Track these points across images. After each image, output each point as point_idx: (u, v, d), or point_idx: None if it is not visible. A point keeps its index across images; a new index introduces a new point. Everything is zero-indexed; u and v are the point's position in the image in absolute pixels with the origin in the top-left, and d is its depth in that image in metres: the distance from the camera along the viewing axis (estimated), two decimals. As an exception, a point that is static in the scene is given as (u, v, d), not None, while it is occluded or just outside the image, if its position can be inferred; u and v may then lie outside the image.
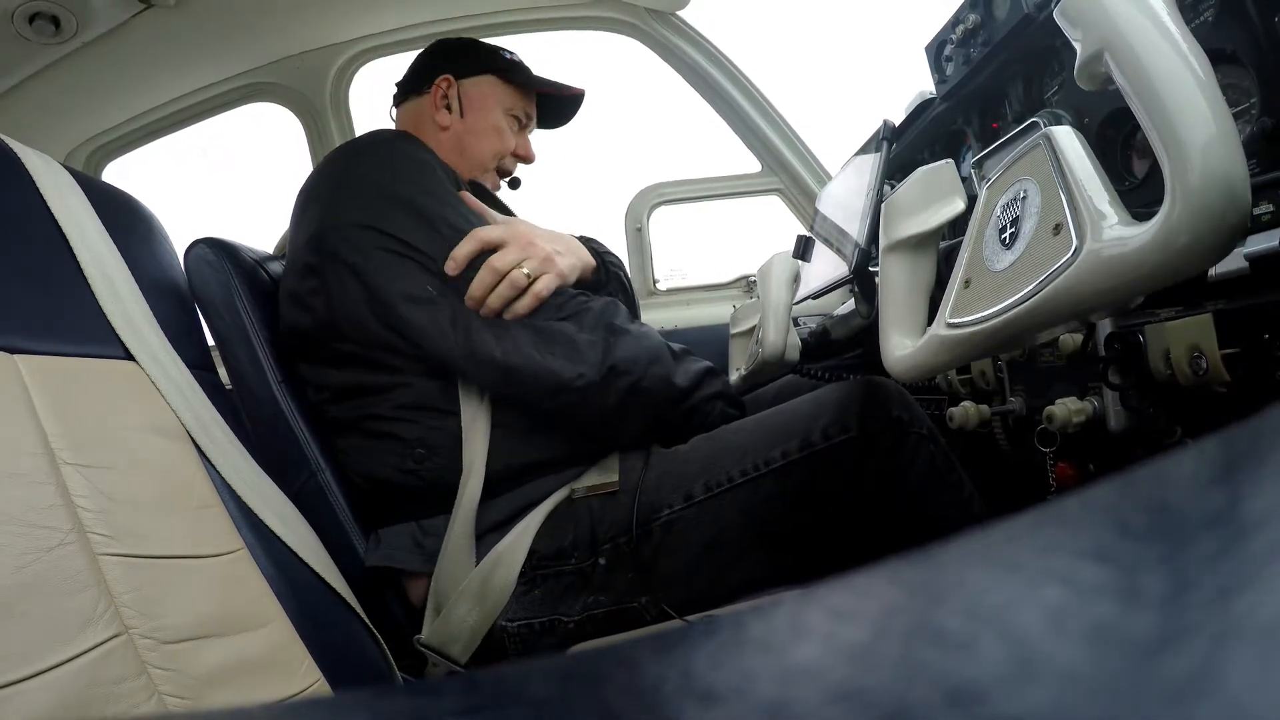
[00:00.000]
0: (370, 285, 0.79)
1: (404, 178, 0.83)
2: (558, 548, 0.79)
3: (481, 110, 1.01)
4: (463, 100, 1.01)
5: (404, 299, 0.78)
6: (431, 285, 0.79)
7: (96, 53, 1.17)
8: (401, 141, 0.90)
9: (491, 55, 1.04)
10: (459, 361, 0.79)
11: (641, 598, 0.78)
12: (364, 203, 0.82)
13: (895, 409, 0.77)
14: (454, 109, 1.01)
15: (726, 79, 1.50)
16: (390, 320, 0.79)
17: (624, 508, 0.79)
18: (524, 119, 1.05)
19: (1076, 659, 0.09)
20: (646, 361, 0.80)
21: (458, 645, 0.77)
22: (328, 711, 0.13)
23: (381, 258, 0.79)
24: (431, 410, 0.82)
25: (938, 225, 0.57)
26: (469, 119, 1.01)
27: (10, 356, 0.54)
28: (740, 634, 0.11)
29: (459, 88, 1.01)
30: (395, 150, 0.87)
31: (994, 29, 0.88)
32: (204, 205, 1.83)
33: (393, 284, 0.79)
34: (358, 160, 0.87)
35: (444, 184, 0.85)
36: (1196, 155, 0.34)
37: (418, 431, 0.82)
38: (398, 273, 0.79)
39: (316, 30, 1.37)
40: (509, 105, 1.03)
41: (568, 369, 0.77)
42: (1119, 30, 0.36)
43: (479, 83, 1.01)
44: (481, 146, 1.01)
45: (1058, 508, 0.13)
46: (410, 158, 0.86)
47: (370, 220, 0.80)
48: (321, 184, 0.88)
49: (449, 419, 0.82)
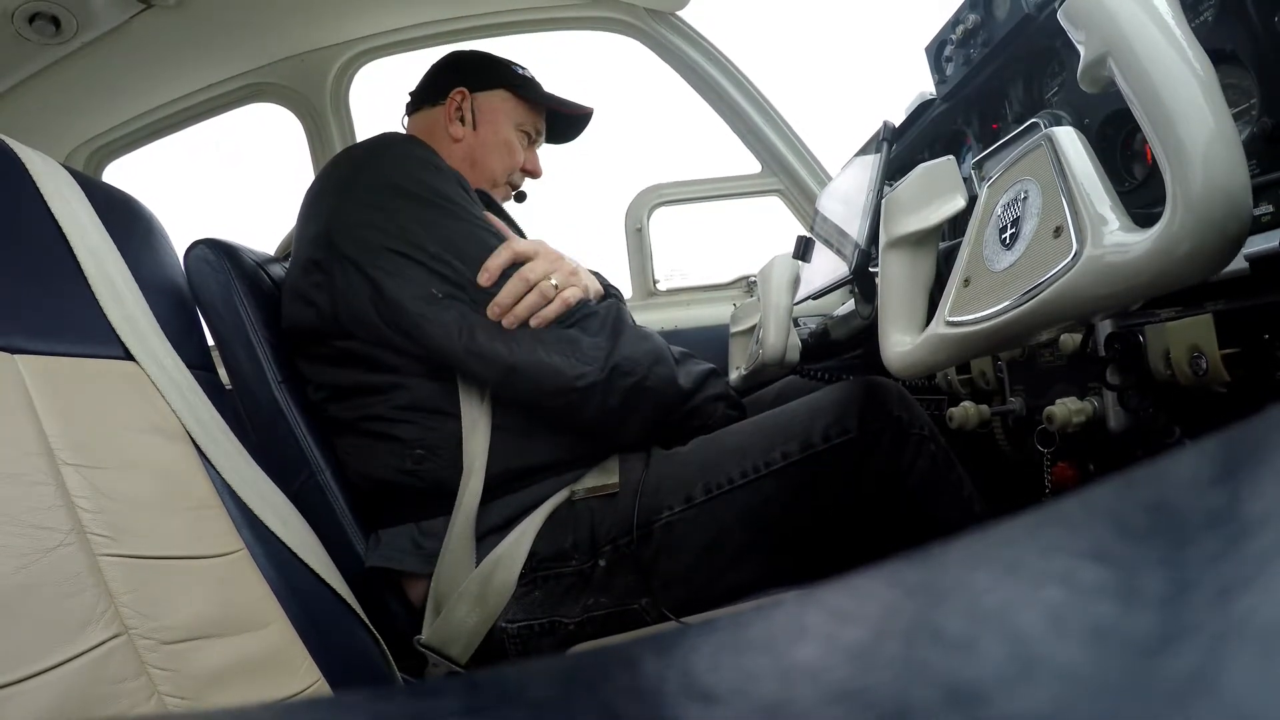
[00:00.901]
0: (377, 283, 0.79)
1: (415, 179, 0.83)
2: (558, 549, 0.79)
3: (493, 124, 1.02)
4: (476, 114, 1.02)
5: (411, 298, 0.78)
6: (437, 287, 0.79)
7: (96, 53, 1.17)
8: (413, 145, 0.90)
9: (506, 71, 1.05)
10: (463, 360, 0.79)
11: (642, 599, 0.78)
12: (374, 202, 0.82)
13: (895, 409, 0.77)
14: (467, 121, 1.02)
15: (726, 79, 1.50)
16: (396, 318, 0.79)
17: (624, 509, 0.79)
18: (534, 134, 1.07)
19: (1076, 659, 0.09)
20: (650, 362, 0.80)
21: (457, 646, 0.77)
22: (328, 711, 0.13)
23: (389, 257, 0.79)
24: (431, 412, 0.82)
25: (938, 222, 0.57)
26: (481, 132, 1.02)
27: (10, 356, 0.54)
28: (740, 634, 0.11)
29: (473, 101, 1.02)
30: (407, 153, 0.87)
31: (994, 29, 0.88)
32: (204, 205, 1.82)
33: (399, 283, 0.79)
34: (370, 160, 0.87)
35: (454, 186, 0.86)
36: (1199, 164, 0.34)
37: (417, 432, 0.82)
38: (405, 272, 0.79)
39: (316, 30, 1.37)
40: (520, 121, 1.04)
41: (571, 368, 0.77)
42: (1124, 34, 0.36)
43: (492, 97, 1.03)
44: (492, 160, 1.02)
45: (1058, 508, 0.13)
46: (423, 161, 0.87)
47: (379, 220, 0.81)
48: (331, 183, 0.88)
49: (449, 420, 0.82)
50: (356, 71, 1.47)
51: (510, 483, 0.81)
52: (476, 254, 0.80)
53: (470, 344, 0.78)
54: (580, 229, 1.96)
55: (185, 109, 1.43)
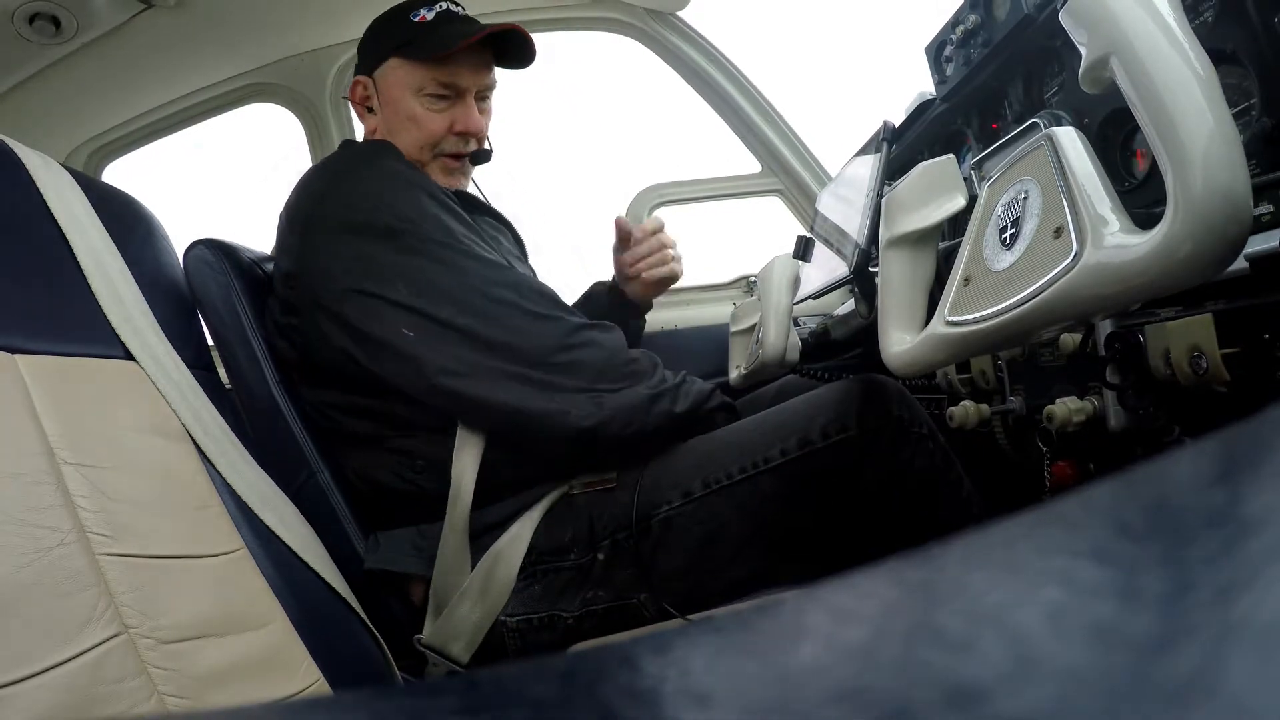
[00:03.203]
0: (346, 322, 0.78)
1: (375, 210, 0.80)
2: (557, 543, 0.79)
3: (391, 102, 0.92)
4: (379, 95, 0.94)
5: (381, 337, 0.77)
6: (408, 328, 0.77)
7: (96, 53, 1.17)
8: (374, 159, 0.86)
9: (392, 31, 0.92)
10: (428, 398, 0.79)
11: (640, 594, 0.78)
12: (335, 247, 0.80)
13: (895, 408, 0.77)
14: (375, 108, 0.94)
15: (726, 79, 1.50)
16: (370, 364, 0.79)
17: (623, 504, 0.79)
18: (447, 92, 0.92)
19: (1076, 659, 0.09)
20: (645, 409, 0.79)
21: (459, 644, 0.77)
22: (328, 711, 0.13)
23: (358, 301, 0.78)
24: (425, 429, 0.82)
25: (939, 221, 0.57)
26: (384, 115, 0.93)
27: (10, 356, 0.54)
28: (740, 634, 0.11)
29: (374, 83, 0.94)
30: (369, 173, 0.83)
31: (994, 29, 0.88)
32: (204, 205, 1.82)
33: (372, 327, 0.78)
34: (331, 191, 0.83)
35: (419, 198, 0.82)
36: (1199, 167, 0.33)
37: (413, 444, 0.82)
38: (376, 316, 0.78)
39: (316, 30, 1.37)
40: (419, 84, 0.90)
41: (566, 420, 0.77)
42: (1126, 36, 0.36)
43: (385, 71, 0.93)
44: (404, 140, 0.92)
45: (1058, 508, 0.13)
46: (384, 179, 0.82)
47: (341, 266, 0.79)
48: (300, 213, 0.84)
49: (449, 438, 0.81)
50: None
51: (505, 489, 0.81)
52: (447, 286, 0.78)
53: (437, 382, 0.76)
54: (580, 228, 1.96)
55: (185, 109, 1.42)
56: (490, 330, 0.77)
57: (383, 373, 0.79)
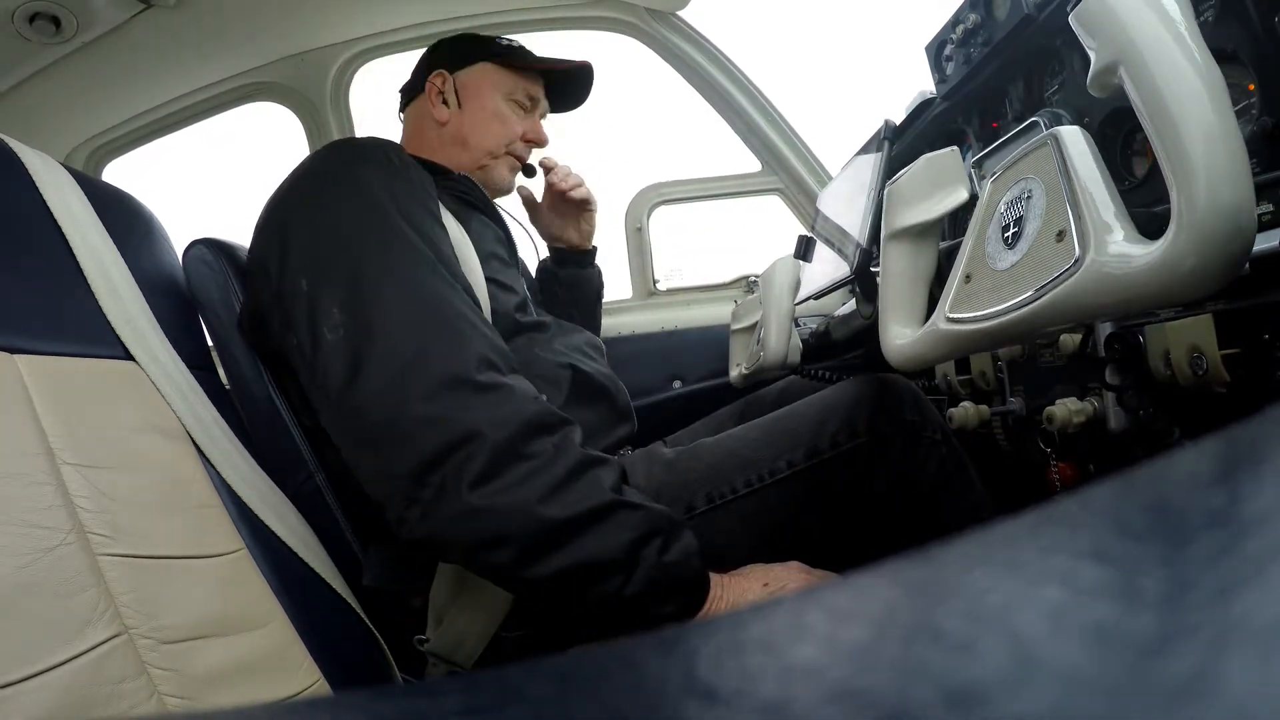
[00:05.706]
0: (305, 356, 0.67)
1: (347, 241, 0.69)
2: None
3: (478, 98, 1.00)
4: (460, 92, 1.00)
5: (340, 380, 0.64)
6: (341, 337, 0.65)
7: (96, 53, 1.17)
8: (356, 172, 0.75)
9: (485, 43, 1.03)
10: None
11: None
12: (296, 286, 0.69)
13: (908, 412, 0.74)
14: (450, 102, 1.00)
15: (726, 79, 1.50)
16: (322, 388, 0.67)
17: None
18: (528, 102, 1.04)
19: (1076, 659, 0.09)
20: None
21: (459, 655, 0.76)
22: (328, 711, 0.13)
23: (324, 334, 0.66)
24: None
25: (941, 214, 0.57)
26: (467, 109, 1.00)
27: (10, 356, 0.54)
28: (740, 634, 0.11)
29: (454, 80, 1.01)
30: (350, 191, 0.73)
31: (994, 29, 0.88)
32: (204, 205, 1.83)
33: (331, 364, 0.65)
34: (304, 212, 0.73)
35: (394, 220, 0.71)
36: (1204, 184, 0.33)
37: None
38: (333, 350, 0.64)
39: (316, 30, 1.37)
40: (508, 90, 1.02)
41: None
42: (1136, 44, 0.36)
43: (473, 72, 1.01)
44: (483, 135, 1.00)
45: (1058, 508, 0.13)
46: (362, 204, 0.71)
47: (305, 304, 0.67)
48: (274, 225, 0.74)
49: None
50: (356, 71, 1.47)
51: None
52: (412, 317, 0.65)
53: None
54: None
55: (185, 108, 1.42)
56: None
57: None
